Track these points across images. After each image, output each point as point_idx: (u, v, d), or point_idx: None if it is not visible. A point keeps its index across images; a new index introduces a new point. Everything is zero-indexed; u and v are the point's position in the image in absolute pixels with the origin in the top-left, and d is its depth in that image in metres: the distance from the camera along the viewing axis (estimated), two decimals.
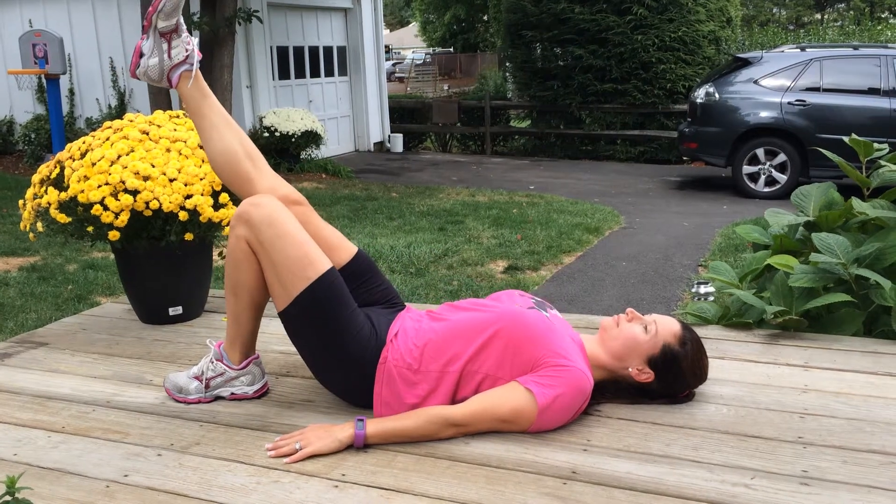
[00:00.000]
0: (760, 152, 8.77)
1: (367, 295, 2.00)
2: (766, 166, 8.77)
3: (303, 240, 1.84)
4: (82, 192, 2.38)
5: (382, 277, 2.07)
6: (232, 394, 1.98)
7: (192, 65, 1.99)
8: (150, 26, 1.96)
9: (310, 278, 1.81)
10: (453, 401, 1.80)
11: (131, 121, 2.57)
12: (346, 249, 2.02)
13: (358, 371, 1.84)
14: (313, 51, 12.00)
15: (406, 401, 1.80)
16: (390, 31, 47.00)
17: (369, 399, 1.85)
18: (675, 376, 1.86)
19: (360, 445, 1.69)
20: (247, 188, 1.99)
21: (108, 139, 2.49)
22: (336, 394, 1.95)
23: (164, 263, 2.56)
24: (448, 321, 1.86)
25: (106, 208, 2.38)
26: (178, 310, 2.63)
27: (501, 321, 1.79)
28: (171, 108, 7.88)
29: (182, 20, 1.98)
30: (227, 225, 2.48)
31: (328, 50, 12.31)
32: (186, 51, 1.98)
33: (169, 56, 1.97)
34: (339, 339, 1.82)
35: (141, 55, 1.99)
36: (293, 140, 10.10)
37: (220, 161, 2.00)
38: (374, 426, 1.70)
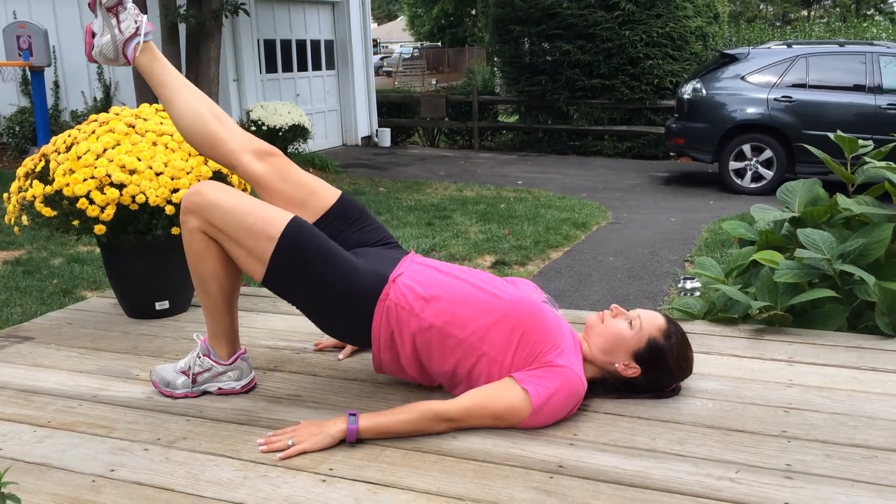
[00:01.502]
0: (747, 148, 8.81)
1: (360, 234, 1.99)
2: (752, 162, 8.82)
3: (252, 205, 1.81)
4: (68, 185, 2.37)
5: (372, 218, 2.05)
6: (219, 389, 1.97)
7: (143, 36, 1.97)
8: (96, 3, 1.94)
9: (274, 236, 1.78)
10: (445, 364, 1.80)
11: (117, 114, 2.56)
12: (329, 193, 2.01)
13: (355, 309, 1.81)
14: (301, 44, 11.95)
15: (404, 338, 1.80)
16: (378, 24, 46.87)
17: (368, 337, 1.84)
18: (661, 370, 1.87)
19: (352, 440, 1.69)
20: (218, 148, 1.97)
21: (93, 132, 2.48)
22: (338, 337, 1.94)
23: (151, 258, 2.55)
24: (462, 282, 1.84)
25: (92, 202, 2.37)
26: (165, 304, 2.62)
27: (517, 306, 1.79)
28: (157, 102, 7.85)
29: None
30: (180, 219, 2.46)
31: (315, 43, 12.26)
32: (136, 22, 1.96)
33: (119, 30, 1.95)
34: (329, 281, 1.79)
35: (93, 35, 1.98)
36: (280, 134, 10.07)
37: (188, 124, 1.97)
38: (367, 421, 1.70)
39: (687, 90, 9.22)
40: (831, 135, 2.82)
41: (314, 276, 1.79)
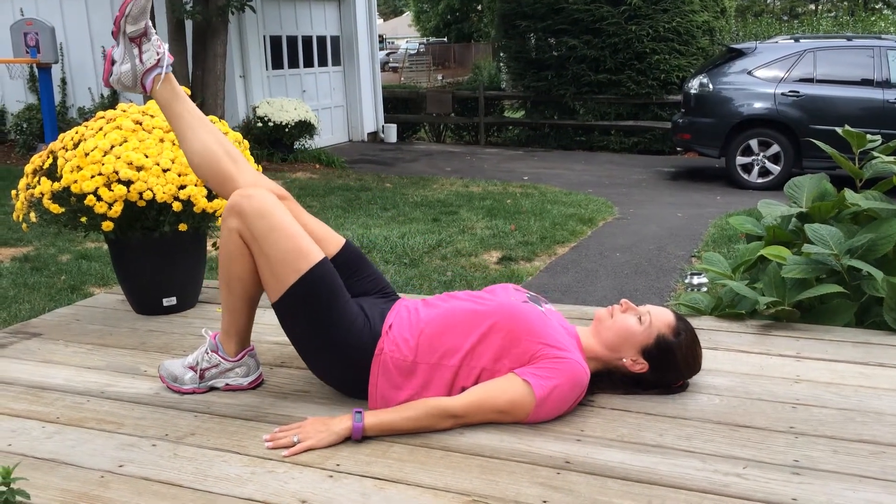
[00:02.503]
0: (754, 143, 8.78)
1: (359, 285, 2.00)
2: (759, 157, 8.79)
3: (295, 231, 1.84)
4: (75, 182, 2.37)
5: (372, 267, 2.07)
6: (226, 385, 1.98)
7: (164, 68, 1.97)
8: (119, 32, 1.94)
9: (301, 270, 1.81)
10: (450, 394, 1.80)
11: (124, 111, 2.56)
12: (334, 241, 2.02)
13: (353, 362, 1.84)
14: (307, 40, 11.95)
15: (402, 392, 1.81)
16: (384, 20, 46.83)
17: (365, 390, 1.85)
18: (669, 366, 1.87)
19: (358, 438, 1.69)
20: (228, 186, 1.97)
21: (101, 129, 2.48)
22: (331, 385, 1.95)
23: (158, 254, 2.56)
24: (443, 311, 1.86)
25: (99, 199, 2.37)
26: (172, 300, 2.62)
27: (497, 314, 1.80)
28: None
29: (150, 24, 1.96)
30: (221, 216, 2.47)
31: (322, 39, 12.26)
32: (158, 54, 1.96)
33: (140, 61, 1.95)
34: (333, 329, 1.82)
35: (112, 62, 1.98)
36: (287, 130, 10.08)
37: (200, 161, 1.98)
38: (372, 418, 1.70)
39: (694, 85, 9.18)
40: (839, 129, 2.81)
41: (322, 321, 1.82)
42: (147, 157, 2.41)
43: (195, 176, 2.44)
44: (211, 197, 2.49)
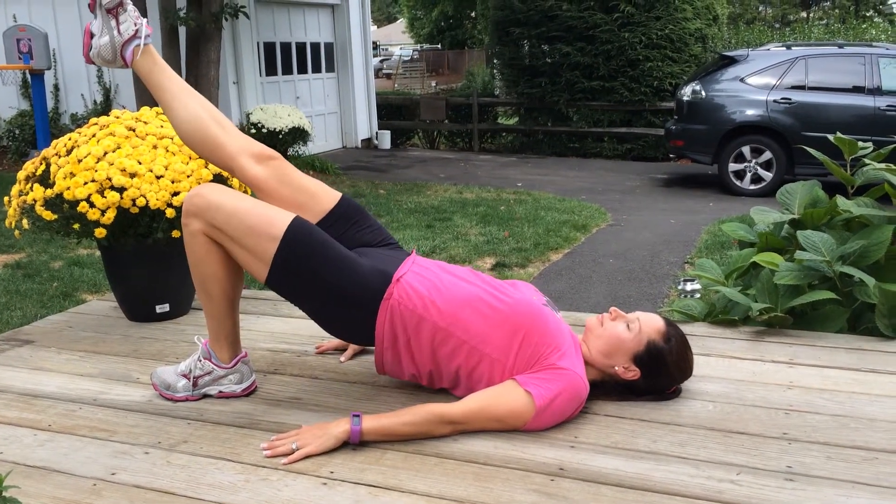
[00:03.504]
0: (746, 150, 8.82)
1: (360, 236, 1.98)
2: (751, 164, 8.83)
3: (254, 206, 1.81)
4: (68, 189, 2.37)
5: (373, 219, 2.05)
6: (220, 392, 1.97)
7: (143, 38, 1.97)
8: (96, 5, 1.93)
9: (277, 235, 1.78)
10: (450, 366, 1.81)
11: (118, 117, 2.56)
12: (329, 195, 2.01)
13: (359, 305, 1.81)
14: (300, 47, 11.96)
15: (408, 343, 1.80)
16: (378, 27, 46.89)
17: (372, 334, 1.84)
18: (661, 372, 1.87)
19: (355, 441, 1.69)
20: (218, 152, 1.97)
21: (94, 136, 2.48)
22: (340, 336, 1.94)
23: (151, 261, 2.55)
24: (464, 285, 1.84)
25: (92, 205, 2.37)
26: (165, 307, 2.62)
27: (519, 308, 1.80)
28: (157, 105, 7.85)
29: None
30: (181, 223, 2.46)
31: (315, 46, 12.27)
32: (135, 25, 1.96)
33: (118, 32, 1.94)
34: (331, 278, 1.79)
35: (91, 36, 1.98)
36: (280, 136, 10.07)
37: (188, 128, 1.97)
38: (370, 422, 1.70)
39: (686, 92, 9.22)
40: (831, 136, 2.83)
41: (317, 275, 1.79)
42: (140, 163, 2.41)
43: (188, 182, 2.44)
44: None
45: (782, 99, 8.61)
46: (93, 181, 2.37)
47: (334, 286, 1.80)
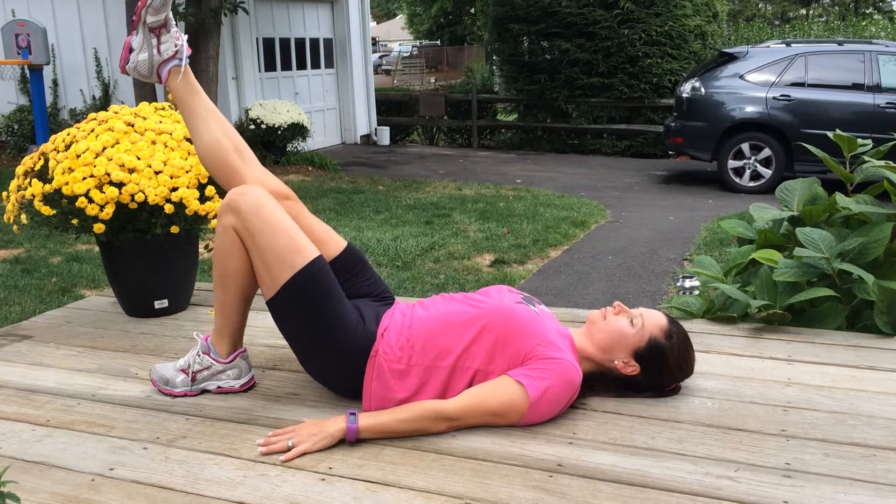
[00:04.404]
0: (745, 147, 8.81)
1: (358, 287, 2.00)
2: (751, 161, 8.82)
3: (290, 227, 1.84)
4: (67, 184, 2.36)
5: (372, 271, 2.08)
6: (218, 387, 1.97)
7: (182, 60, 1.99)
8: (140, 21, 1.95)
9: (296, 266, 1.81)
10: (444, 396, 1.80)
11: (116, 112, 2.55)
12: (336, 243, 2.02)
13: (347, 362, 1.84)
14: (300, 42, 11.94)
15: (396, 395, 1.80)
16: (377, 23, 46.83)
17: (359, 392, 1.85)
18: (661, 369, 1.87)
19: (352, 440, 1.69)
20: (235, 181, 1.99)
21: (92, 131, 2.47)
22: (325, 385, 1.95)
23: (150, 256, 2.55)
24: (437, 313, 1.86)
25: (91, 201, 2.37)
26: (164, 303, 2.61)
27: (490, 316, 1.80)
28: (156, 100, 7.84)
29: (171, 16, 1.99)
30: (214, 218, 2.47)
31: (314, 42, 12.25)
32: (176, 46, 1.98)
33: (158, 51, 1.97)
34: (327, 328, 1.82)
35: (130, 50, 1.99)
36: (279, 132, 10.06)
37: (208, 154, 2.00)
38: (367, 420, 1.70)
39: (686, 89, 9.21)
40: (830, 133, 2.82)
41: (316, 319, 1.82)
42: (139, 159, 2.41)
43: (187, 178, 2.43)
44: (203, 199, 2.48)
45: (782, 96, 8.60)
46: (91, 176, 2.37)
47: (328, 336, 1.83)
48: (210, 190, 2.48)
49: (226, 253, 1.89)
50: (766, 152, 8.73)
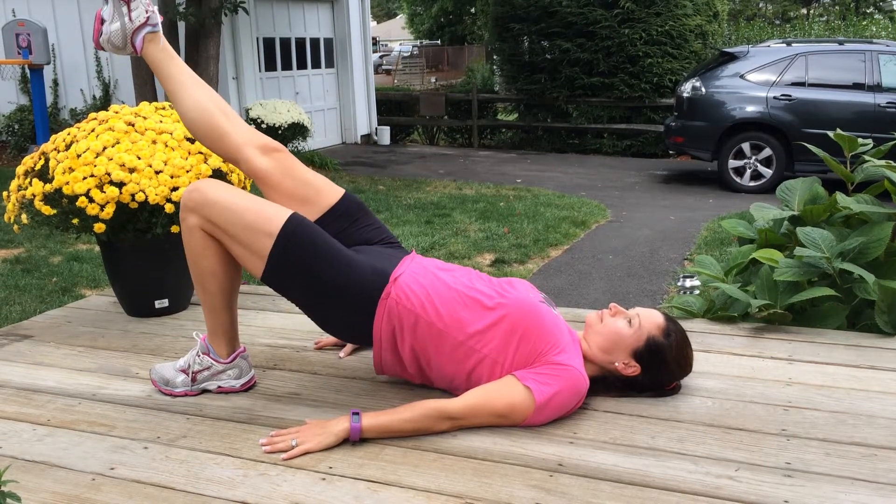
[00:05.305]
0: (746, 146, 8.81)
1: (361, 233, 1.99)
2: (751, 161, 8.82)
3: (251, 202, 1.81)
4: (67, 183, 2.36)
5: (374, 217, 2.05)
6: (219, 387, 1.97)
7: (156, 26, 1.98)
8: None
9: (273, 233, 1.78)
10: (448, 369, 1.80)
11: (117, 112, 2.55)
12: (333, 191, 2.01)
13: (356, 304, 1.81)
14: (300, 42, 11.94)
15: (405, 342, 1.80)
16: (377, 22, 46.84)
17: (369, 335, 1.84)
18: (661, 368, 1.87)
19: (356, 439, 1.69)
20: (223, 142, 1.97)
21: (93, 131, 2.47)
22: (337, 335, 1.94)
23: (150, 256, 2.55)
24: (462, 284, 1.84)
25: (91, 200, 2.37)
26: (164, 302, 2.61)
27: (514, 307, 1.79)
28: (156, 100, 7.84)
29: None
30: (180, 218, 2.46)
31: (315, 41, 12.25)
32: (147, 12, 1.97)
33: (129, 19, 1.95)
34: (329, 278, 1.79)
35: (102, 22, 1.98)
36: (280, 132, 10.06)
37: (193, 117, 1.97)
38: (369, 419, 1.70)
39: (686, 88, 9.21)
40: (831, 133, 2.82)
41: (313, 272, 1.79)
42: (139, 158, 2.41)
43: (187, 178, 2.43)
44: None
45: (782, 95, 8.60)
46: (92, 176, 2.37)
47: (331, 284, 1.80)
48: None
49: (197, 254, 1.87)
50: (767, 152, 8.73)
